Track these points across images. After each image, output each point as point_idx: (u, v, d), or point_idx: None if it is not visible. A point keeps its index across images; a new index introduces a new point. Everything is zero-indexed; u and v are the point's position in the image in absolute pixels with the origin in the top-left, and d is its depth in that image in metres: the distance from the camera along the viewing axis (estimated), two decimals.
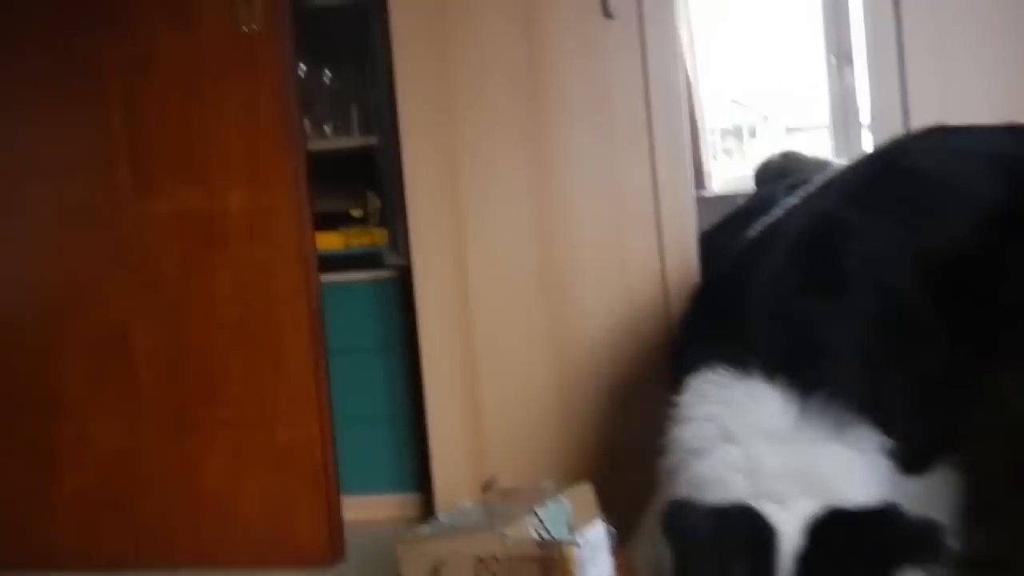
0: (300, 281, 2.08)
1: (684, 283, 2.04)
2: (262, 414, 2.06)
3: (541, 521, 1.37)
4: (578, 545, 1.23)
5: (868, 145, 2.73)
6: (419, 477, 2.28)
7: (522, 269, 2.13)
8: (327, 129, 2.60)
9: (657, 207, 2.03)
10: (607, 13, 2.00)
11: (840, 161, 2.72)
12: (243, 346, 2.08)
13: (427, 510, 2.19)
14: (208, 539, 2.07)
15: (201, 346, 2.08)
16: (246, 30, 2.08)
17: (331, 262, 2.40)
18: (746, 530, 1.11)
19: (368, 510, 2.36)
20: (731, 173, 2.97)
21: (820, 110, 2.88)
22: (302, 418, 2.05)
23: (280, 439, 2.05)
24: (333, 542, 2.06)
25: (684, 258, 2.03)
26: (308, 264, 2.10)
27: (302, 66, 2.59)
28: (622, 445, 2.02)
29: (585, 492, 1.51)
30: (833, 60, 2.78)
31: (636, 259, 2.06)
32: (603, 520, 1.54)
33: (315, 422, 2.05)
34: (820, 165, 2.49)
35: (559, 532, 1.39)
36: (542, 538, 1.36)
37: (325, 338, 2.12)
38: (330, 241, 2.45)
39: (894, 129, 1.94)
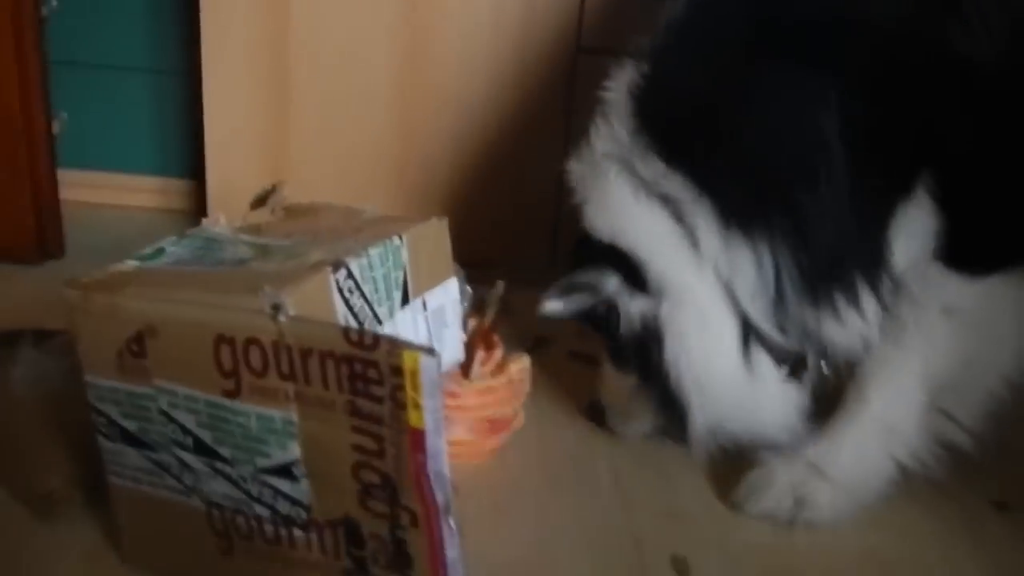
0: None
1: None
2: None
3: (353, 279, 0.69)
4: (431, 353, 0.57)
5: None
6: (195, 160, 1.53)
7: None
8: None
9: None
10: None
11: None
12: None
13: (200, 203, 1.47)
14: None
15: None
16: None
17: None
18: None
19: (121, 193, 1.59)
20: None
21: None
22: None
23: None
24: (42, 234, 1.31)
25: None
26: None
27: None
28: (502, 166, 1.37)
29: (435, 232, 0.82)
30: None
31: None
32: (459, 275, 0.89)
33: (11, 67, 1.21)
34: None
35: (383, 299, 0.73)
36: (357, 320, 0.69)
37: None
38: None
39: None
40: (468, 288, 0.90)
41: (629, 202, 0.86)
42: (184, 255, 0.74)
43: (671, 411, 0.91)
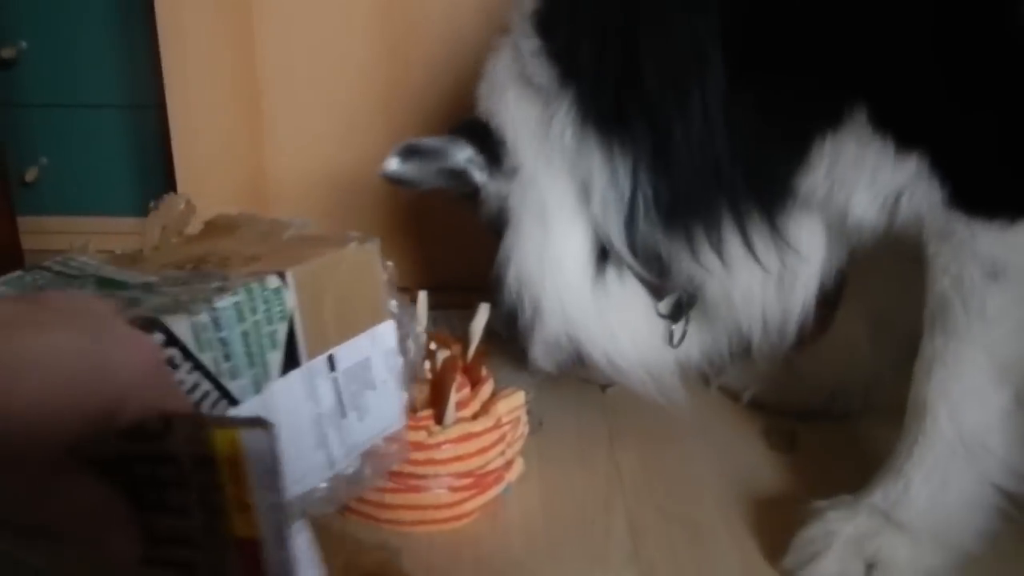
0: None
1: None
2: None
3: (179, 345, 0.44)
4: (258, 425, 0.34)
5: None
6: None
7: None
8: None
9: None
10: None
11: None
12: None
13: None
14: None
15: None
16: None
17: None
18: None
19: (105, 238, 1.46)
20: None
21: None
22: None
23: None
24: None
25: None
26: None
27: None
28: None
29: (353, 262, 0.57)
30: None
31: None
32: (401, 310, 0.66)
33: None
34: None
35: (242, 368, 0.48)
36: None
37: None
38: None
39: None
40: (416, 326, 0.68)
41: (506, 79, 0.77)
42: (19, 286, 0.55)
43: (507, 311, 0.81)
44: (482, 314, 0.82)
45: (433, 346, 0.83)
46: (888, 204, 0.68)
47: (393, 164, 0.75)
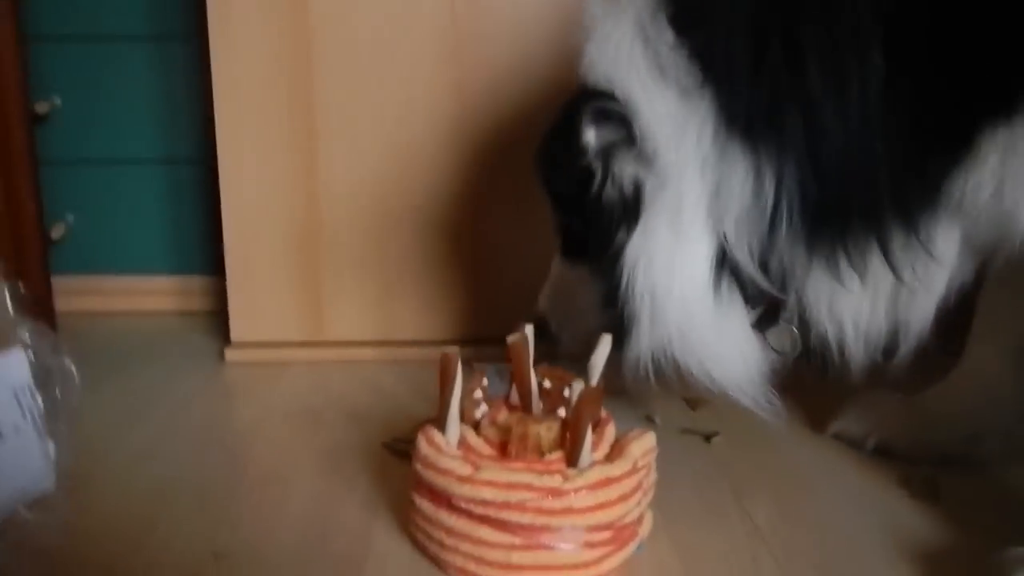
0: None
1: None
2: None
3: None
4: None
5: None
6: (214, 255, 1.28)
7: None
8: None
9: None
10: None
11: None
12: None
13: (222, 302, 1.20)
14: None
15: None
16: None
17: None
18: None
19: (135, 298, 1.35)
20: None
21: None
22: None
23: None
24: None
25: None
26: None
27: None
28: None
29: None
30: None
31: None
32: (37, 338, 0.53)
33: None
34: None
35: None
36: None
37: None
38: None
39: None
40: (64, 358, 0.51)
41: (634, 54, 0.67)
42: None
43: (615, 316, 0.72)
44: (604, 346, 0.72)
45: (547, 384, 0.73)
46: None
47: (590, 134, 0.67)
